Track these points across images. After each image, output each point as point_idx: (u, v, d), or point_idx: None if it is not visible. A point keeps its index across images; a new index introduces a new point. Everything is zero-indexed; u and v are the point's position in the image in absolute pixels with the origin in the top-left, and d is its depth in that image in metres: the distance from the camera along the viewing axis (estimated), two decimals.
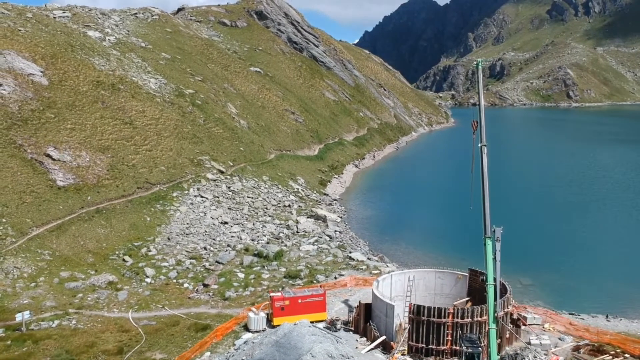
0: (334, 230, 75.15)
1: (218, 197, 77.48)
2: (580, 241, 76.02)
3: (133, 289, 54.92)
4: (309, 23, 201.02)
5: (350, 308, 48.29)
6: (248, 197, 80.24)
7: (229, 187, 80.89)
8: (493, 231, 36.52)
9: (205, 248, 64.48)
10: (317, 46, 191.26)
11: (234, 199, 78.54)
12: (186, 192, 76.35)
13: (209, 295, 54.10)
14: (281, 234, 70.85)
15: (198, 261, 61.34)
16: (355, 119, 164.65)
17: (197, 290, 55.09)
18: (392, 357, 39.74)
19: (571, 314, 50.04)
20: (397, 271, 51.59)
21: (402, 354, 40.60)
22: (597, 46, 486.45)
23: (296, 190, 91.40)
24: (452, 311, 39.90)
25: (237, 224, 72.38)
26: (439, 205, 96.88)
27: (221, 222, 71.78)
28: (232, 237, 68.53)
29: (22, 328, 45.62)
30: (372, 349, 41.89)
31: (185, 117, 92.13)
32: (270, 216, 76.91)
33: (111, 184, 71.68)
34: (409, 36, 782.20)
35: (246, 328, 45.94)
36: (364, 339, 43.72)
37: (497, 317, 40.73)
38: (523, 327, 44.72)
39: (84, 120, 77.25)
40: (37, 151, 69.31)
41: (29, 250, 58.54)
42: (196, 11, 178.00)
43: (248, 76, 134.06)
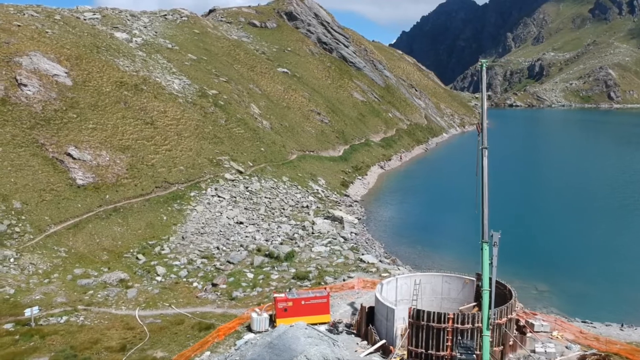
0: (350, 231, 74.68)
1: (235, 197, 77.89)
2: (605, 247, 73.46)
3: (143, 287, 55.60)
4: (340, 23, 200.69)
5: (354, 311, 47.89)
6: (265, 198, 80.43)
7: (247, 187, 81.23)
8: (491, 236, 35.49)
9: (218, 248, 64.86)
10: (347, 46, 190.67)
11: (251, 199, 78.83)
12: (204, 192, 77.00)
13: (217, 294, 54.31)
14: (296, 235, 70.75)
15: (210, 261, 61.73)
16: (383, 120, 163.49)
17: (206, 289, 55.38)
18: None
19: (583, 322, 48.41)
20: (403, 274, 50.89)
21: (401, 359, 39.97)
22: None
23: (316, 191, 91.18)
24: (452, 316, 39.10)
25: (253, 224, 72.61)
26: (461, 208, 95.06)
27: (236, 222, 72.12)
28: (247, 237, 68.76)
29: (31, 323, 46.67)
30: (371, 353, 41.42)
31: (206, 118, 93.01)
32: (286, 217, 76.90)
33: (130, 183, 72.82)
34: (447, 36, 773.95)
35: (249, 328, 45.97)
36: (365, 342, 43.29)
37: (492, 324, 39.83)
38: (529, 335, 43.48)
39: (106, 120, 78.71)
40: (58, 150, 70.93)
41: (46, 247, 59.91)
42: (227, 12, 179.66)
43: (274, 77, 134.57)
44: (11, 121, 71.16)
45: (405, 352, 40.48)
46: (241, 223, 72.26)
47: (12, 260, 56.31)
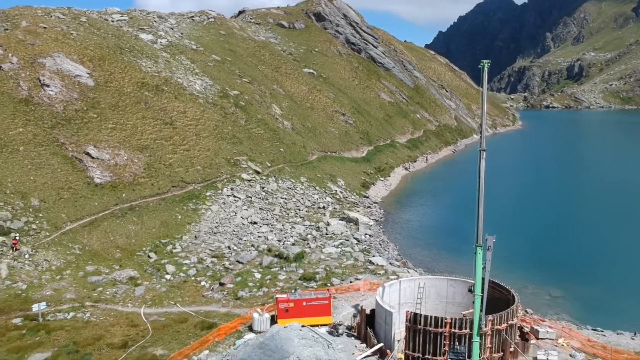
0: (364, 233, 74.07)
1: (251, 197, 78.17)
2: (629, 254, 71.06)
3: (151, 285, 56.22)
4: (369, 24, 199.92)
5: (355, 313, 47.44)
6: (281, 198, 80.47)
7: (263, 188, 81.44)
8: (485, 240, 34.59)
9: (229, 247, 65.15)
10: (376, 47, 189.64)
11: (267, 200, 78.99)
12: (219, 192, 77.52)
13: (223, 294, 54.52)
14: (309, 236, 70.54)
15: (219, 260, 62.04)
16: (411, 121, 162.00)
17: (213, 288, 55.66)
18: None
19: (594, 330, 46.87)
20: (407, 277, 50.17)
21: None
22: None
23: (334, 192, 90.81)
24: (450, 321, 38.30)
25: (266, 225, 72.70)
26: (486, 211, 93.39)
27: (250, 222, 72.33)
28: (259, 238, 68.85)
29: (39, 318, 47.69)
30: (368, 356, 40.90)
31: (226, 118, 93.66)
32: (301, 217, 76.77)
33: (146, 182, 73.82)
34: (484, 36, 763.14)
35: (251, 328, 45.96)
36: (364, 345, 42.82)
37: (492, 330, 38.87)
38: (533, 341, 42.32)
39: (126, 120, 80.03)
40: (78, 149, 72.40)
41: (61, 244, 61.18)
42: (256, 13, 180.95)
43: (299, 77, 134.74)
44: (33, 121, 73.02)
45: (402, 356, 39.87)
46: (255, 223, 72.43)
47: (27, 256, 57.71)
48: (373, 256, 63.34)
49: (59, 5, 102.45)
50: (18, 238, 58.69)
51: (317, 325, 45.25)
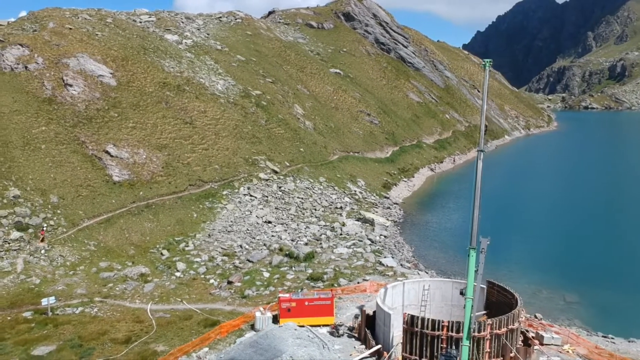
0: (379, 234, 73.38)
1: (267, 197, 78.37)
2: None
3: (161, 282, 56.90)
4: (399, 23, 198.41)
5: (357, 314, 47.01)
6: (298, 198, 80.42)
7: (280, 187, 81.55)
8: (479, 242, 33.80)
9: (241, 246, 65.40)
10: (406, 47, 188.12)
11: (283, 199, 79.06)
12: (236, 191, 77.96)
13: (230, 292, 54.76)
14: (322, 236, 70.28)
15: (230, 258, 62.34)
16: (439, 121, 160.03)
17: (221, 286, 55.96)
18: None
19: (604, 337, 45.35)
20: (411, 279, 49.45)
21: None
22: None
23: (353, 192, 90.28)
24: (447, 324, 37.60)
25: (281, 224, 72.75)
26: (504, 214, 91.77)
27: (265, 222, 72.49)
28: (272, 237, 68.92)
29: (48, 312, 48.79)
30: (365, 357, 40.47)
31: (246, 118, 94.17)
32: (316, 217, 76.56)
33: (164, 181, 74.79)
34: (524, 36, 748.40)
35: (253, 327, 46.02)
36: (364, 347, 42.41)
37: (492, 334, 37.99)
38: (536, 347, 41.19)
39: (146, 119, 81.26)
40: (98, 148, 73.86)
41: (77, 240, 62.49)
42: (285, 14, 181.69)
43: (324, 78, 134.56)
44: (55, 119, 74.85)
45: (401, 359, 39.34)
46: (269, 222, 72.57)
47: (43, 251, 59.15)
48: (384, 257, 62.72)
49: (96, 6, 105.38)
50: (45, 228, 60.86)
51: (319, 325, 45.08)
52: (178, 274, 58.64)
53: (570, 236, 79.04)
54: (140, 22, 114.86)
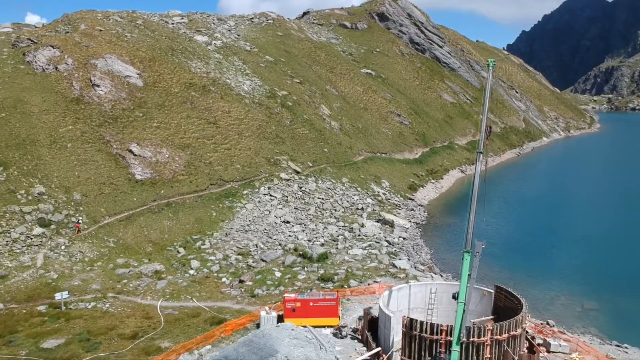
0: (398, 236, 72.55)
1: (287, 197, 78.49)
2: None
3: (174, 279, 57.65)
4: (435, 23, 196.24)
5: (361, 316, 46.59)
6: (318, 198, 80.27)
7: (301, 187, 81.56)
8: (473, 246, 33.00)
9: (256, 245, 65.66)
10: (442, 47, 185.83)
11: (303, 199, 79.03)
12: (256, 191, 78.35)
13: (240, 291, 55.07)
14: (340, 237, 69.92)
15: (244, 257, 62.69)
16: (474, 122, 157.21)
17: (232, 285, 56.32)
18: None
19: (617, 346, 43.63)
20: (417, 282, 48.67)
21: None
22: None
23: (376, 193, 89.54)
24: (445, 328, 36.86)
25: (299, 224, 72.73)
26: (530, 218, 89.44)
27: (283, 221, 72.61)
28: (289, 237, 68.97)
29: (61, 307, 50.07)
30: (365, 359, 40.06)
31: (271, 118, 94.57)
32: (335, 218, 76.22)
33: (185, 180, 75.80)
34: (571, 35, 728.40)
35: (258, 326, 46.14)
36: (365, 349, 42.02)
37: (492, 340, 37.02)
38: (542, 355, 39.92)
39: (170, 119, 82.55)
40: (122, 147, 75.44)
41: (97, 237, 63.96)
42: (319, 14, 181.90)
43: (354, 78, 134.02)
44: (82, 119, 76.81)
45: None
46: (288, 222, 72.65)
47: (63, 247, 60.75)
48: (399, 259, 61.93)
49: (136, 9, 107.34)
50: (80, 221, 62.95)
51: (324, 326, 44.84)
52: (191, 272, 59.30)
53: (598, 242, 76.45)
54: (172, 24, 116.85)
